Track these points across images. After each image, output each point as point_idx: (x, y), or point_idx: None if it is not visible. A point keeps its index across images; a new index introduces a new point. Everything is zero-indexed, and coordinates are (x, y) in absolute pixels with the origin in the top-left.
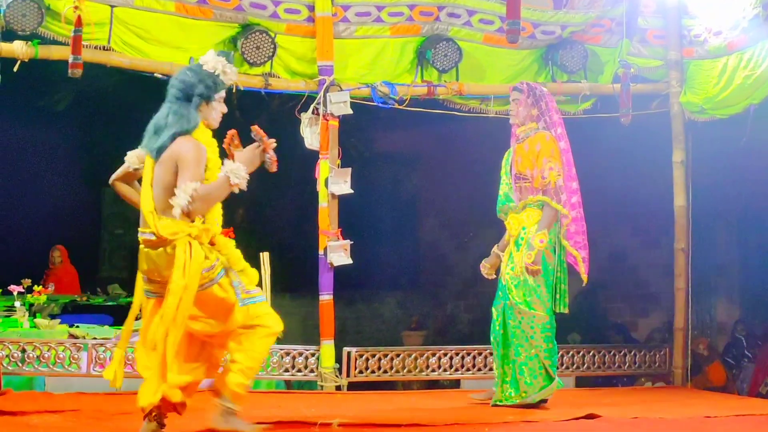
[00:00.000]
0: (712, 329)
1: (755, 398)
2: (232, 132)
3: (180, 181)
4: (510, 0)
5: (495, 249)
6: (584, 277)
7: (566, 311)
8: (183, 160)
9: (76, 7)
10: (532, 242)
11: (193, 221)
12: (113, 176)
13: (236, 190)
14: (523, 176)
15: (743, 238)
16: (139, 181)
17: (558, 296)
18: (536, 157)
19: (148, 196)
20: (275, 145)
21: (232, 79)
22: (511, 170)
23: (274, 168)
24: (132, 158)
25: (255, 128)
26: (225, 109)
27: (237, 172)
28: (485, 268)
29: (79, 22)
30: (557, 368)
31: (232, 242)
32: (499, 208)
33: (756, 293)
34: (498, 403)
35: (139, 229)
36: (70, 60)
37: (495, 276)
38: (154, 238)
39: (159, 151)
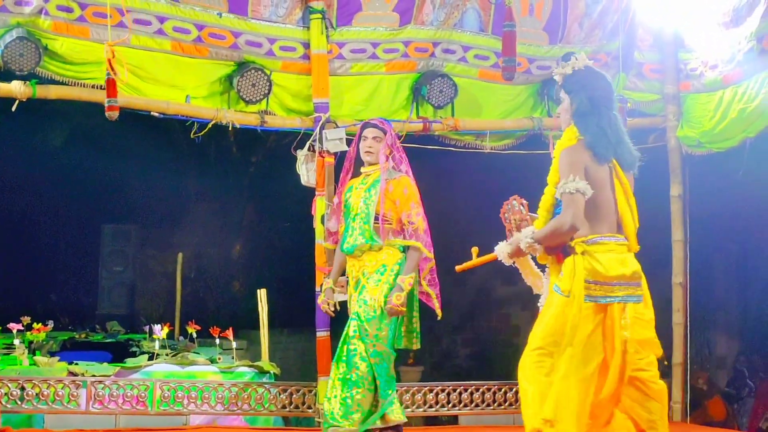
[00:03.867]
0: (711, 364)
1: None
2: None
3: None
4: (505, 37)
5: (330, 284)
6: (439, 312)
7: (419, 347)
8: None
9: (112, 52)
10: (402, 285)
11: None
12: None
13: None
14: (386, 218)
15: (742, 272)
16: None
17: (414, 334)
18: (404, 200)
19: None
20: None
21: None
22: (368, 208)
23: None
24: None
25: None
26: None
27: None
28: (329, 305)
29: (111, 66)
30: (393, 403)
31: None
32: (356, 246)
33: (755, 327)
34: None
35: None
36: (106, 103)
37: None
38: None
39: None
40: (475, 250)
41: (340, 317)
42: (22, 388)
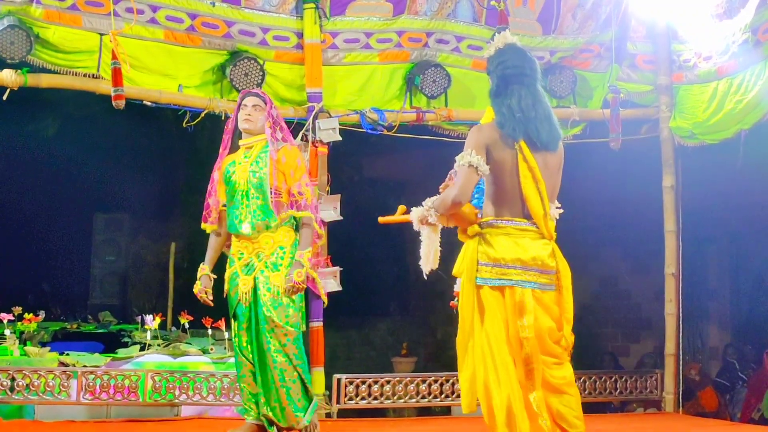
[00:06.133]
0: (703, 354)
1: (748, 424)
2: None
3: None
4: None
5: (207, 271)
6: (325, 299)
7: (303, 329)
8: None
9: (113, 41)
10: (301, 260)
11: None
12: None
13: None
14: (277, 191)
15: (734, 263)
16: None
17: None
18: (297, 171)
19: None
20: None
21: None
22: (262, 183)
23: None
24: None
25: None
26: None
27: None
28: (208, 294)
29: (114, 56)
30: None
31: None
32: (254, 226)
33: (747, 318)
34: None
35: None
36: (112, 93)
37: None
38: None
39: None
40: (401, 208)
41: (332, 307)
42: (13, 379)
